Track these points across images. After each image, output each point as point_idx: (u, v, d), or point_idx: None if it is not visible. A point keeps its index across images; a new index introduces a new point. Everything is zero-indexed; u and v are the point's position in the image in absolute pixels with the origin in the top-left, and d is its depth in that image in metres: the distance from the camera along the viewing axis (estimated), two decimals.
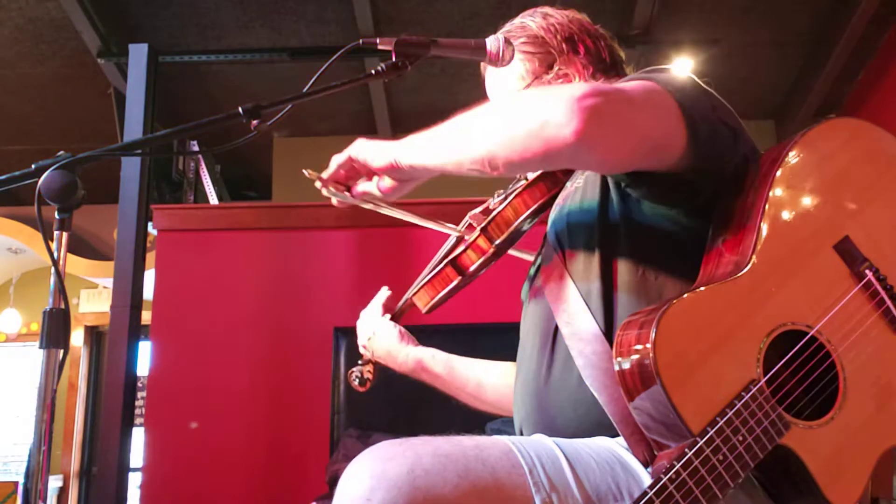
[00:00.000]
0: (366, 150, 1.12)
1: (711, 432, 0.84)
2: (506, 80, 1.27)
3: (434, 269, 1.27)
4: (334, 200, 1.20)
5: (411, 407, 2.60)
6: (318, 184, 1.18)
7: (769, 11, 4.47)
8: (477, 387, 1.40)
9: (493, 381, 1.39)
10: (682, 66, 4.70)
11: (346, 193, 1.17)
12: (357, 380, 1.42)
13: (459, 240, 1.32)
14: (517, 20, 1.28)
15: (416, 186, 1.14)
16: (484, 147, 0.95)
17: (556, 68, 1.22)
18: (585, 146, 0.88)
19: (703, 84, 1.04)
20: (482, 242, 1.22)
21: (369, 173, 1.14)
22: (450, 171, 1.02)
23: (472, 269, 1.23)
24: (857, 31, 4.41)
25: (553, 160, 0.97)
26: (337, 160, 1.16)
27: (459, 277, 1.24)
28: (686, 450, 0.84)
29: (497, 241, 1.21)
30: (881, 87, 4.56)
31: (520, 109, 0.93)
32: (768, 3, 4.42)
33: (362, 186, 1.15)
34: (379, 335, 1.41)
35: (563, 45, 1.23)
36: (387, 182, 1.12)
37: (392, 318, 1.43)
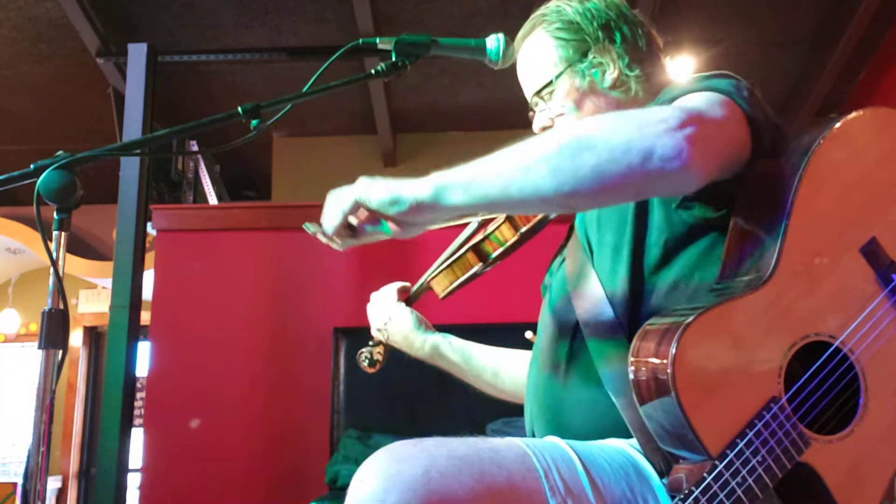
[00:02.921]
0: (376, 193, 0.97)
1: (731, 455, 0.82)
2: (539, 65, 1.22)
3: (454, 254, 1.25)
4: (339, 244, 1.06)
5: (411, 407, 2.59)
6: (321, 237, 1.05)
7: (770, 11, 4.47)
8: (494, 375, 1.38)
9: (511, 370, 1.37)
10: (683, 66, 4.70)
11: (352, 240, 1.04)
12: (367, 360, 1.38)
13: (481, 226, 1.30)
14: (552, 4, 1.24)
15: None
16: (566, 183, 0.87)
17: (590, 57, 1.18)
18: (690, 176, 0.86)
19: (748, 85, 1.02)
20: (506, 229, 1.21)
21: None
22: (494, 210, 0.96)
23: (494, 255, 1.21)
24: (858, 30, 4.41)
25: (649, 192, 0.94)
26: (340, 208, 1.00)
27: (480, 264, 1.22)
28: (705, 474, 0.82)
29: (522, 229, 1.20)
30: (882, 87, 4.56)
31: (613, 141, 0.86)
32: (769, 3, 4.42)
33: (371, 230, 1.02)
34: (395, 320, 1.38)
35: (599, 33, 1.18)
36: (398, 226, 0.99)
37: (407, 303, 1.40)
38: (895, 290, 0.92)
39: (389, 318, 1.38)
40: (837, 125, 0.94)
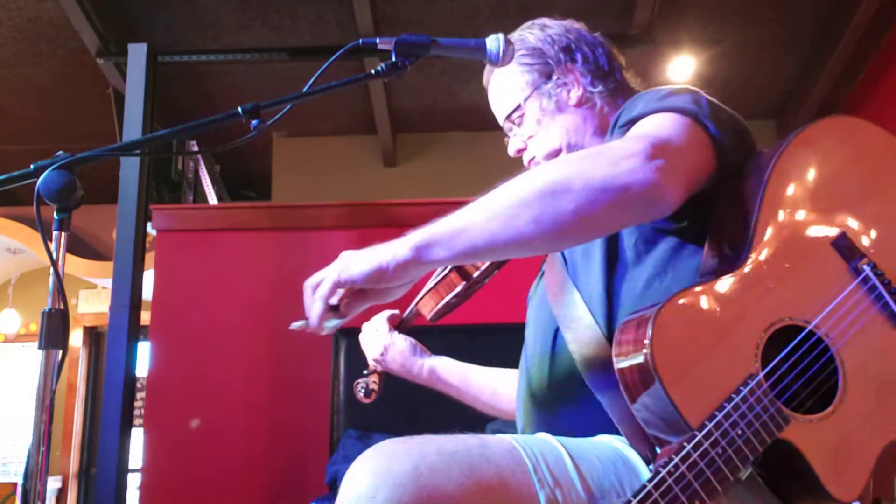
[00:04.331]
0: (359, 269, 0.97)
1: (710, 426, 0.85)
2: (507, 91, 1.29)
3: (439, 275, 1.27)
4: (327, 330, 1.04)
5: (411, 407, 2.59)
6: (309, 330, 1.03)
7: (770, 11, 4.47)
8: (492, 395, 1.42)
9: (508, 390, 1.40)
10: (683, 66, 4.70)
11: (338, 320, 1.03)
12: (363, 391, 1.43)
13: None
14: (516, 34, 1.30)
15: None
16: (550, 228, 0.90)
17: (554, 77, 1.24)
18: (665, 204, 0.91)
19: (707, 95, 1.05)
20: None
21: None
22: (478, 259, 1.02)
23: (476, 274, 1.24)
24: (858, 30, 4.41)
25: (628, 223, 1.00)
26: (320, 296, 0.99)
27: (464, 283, 1.25)
28: (685, 444, 0.85)
29: None
30: (882, 87, 4.56)
31: (590, 182, 0.89)
32: (769, 3, 4.42)
33: (354, 305, 1.02)
34: (391, 349, 1.42)
35: (561, 55, 1.25)
36: (381, 292, 1.01)
37: (400, 329, 1.44)
38: (866, 280, 0.95)
39: (385, 348, 1.42)
40: (803, 131, 1.00)
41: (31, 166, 1.03)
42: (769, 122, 5.49)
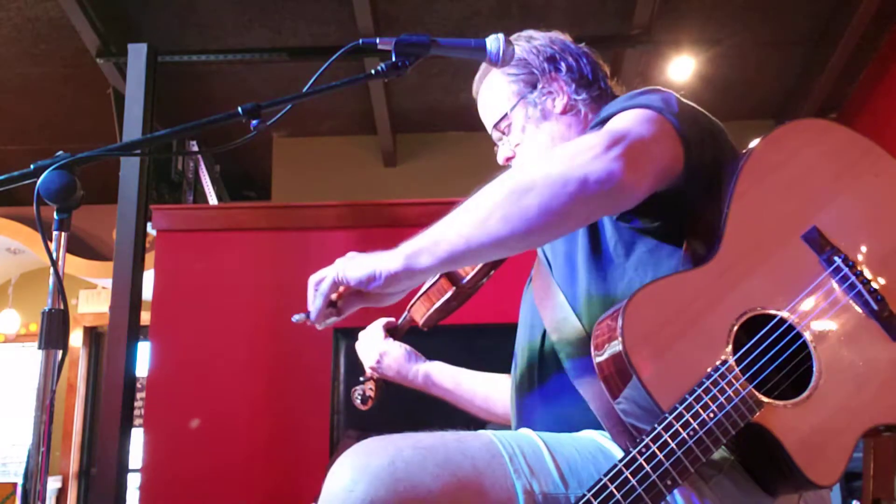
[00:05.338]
0: (353, 272, 1.04)
1: (680, 408, 0.87)
2: (494, 100, 1.32)
3: (431, 281, 1.29)
4: (326, 324, 1.13)
5: (411, 408, 2.59)
6: (309, 323, 1.11)
7: (770, 11, 4.47)
8: (485, 400, 1.45)
9: (501, 394, 1.43)
10: (683, 66, 4.70)
11: (336, 318, 1.10)
12: (359, 398, 1.46)
13: None
14: None
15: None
16: (519, 226, 0.94)
17: (539, 86, 1.28)
18: (626, 192, 0.93)
19: (680, 97, 1.08)
20: None
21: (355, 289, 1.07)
22: (464, 263, 1.04)
23: (465, 280, 1.26)
24: (857, 30, 4.41)
25: (596, 214, 1.02)
26: (321, 292, 1.06)
27: (454, 288, 1.27)
28: (656, 426, 0.87)
29: None
30: (882, 87, 4.55)
31: (550, 178, 0.93)
32: (769, 3, 4.42)
33: (351, 304, 1.09)
34: (387, 356, 1.45)
35: (545, 65, 1.29)
36: (376, 299, 1.07)
37: (395, 336, 1.46)
38: (838, 271, 0.98)
39: (381, 355, 1.46)
40: (773, 131, 1.03)
41: (31, 166, 1.03)
42: (769, 122, 5.49)
